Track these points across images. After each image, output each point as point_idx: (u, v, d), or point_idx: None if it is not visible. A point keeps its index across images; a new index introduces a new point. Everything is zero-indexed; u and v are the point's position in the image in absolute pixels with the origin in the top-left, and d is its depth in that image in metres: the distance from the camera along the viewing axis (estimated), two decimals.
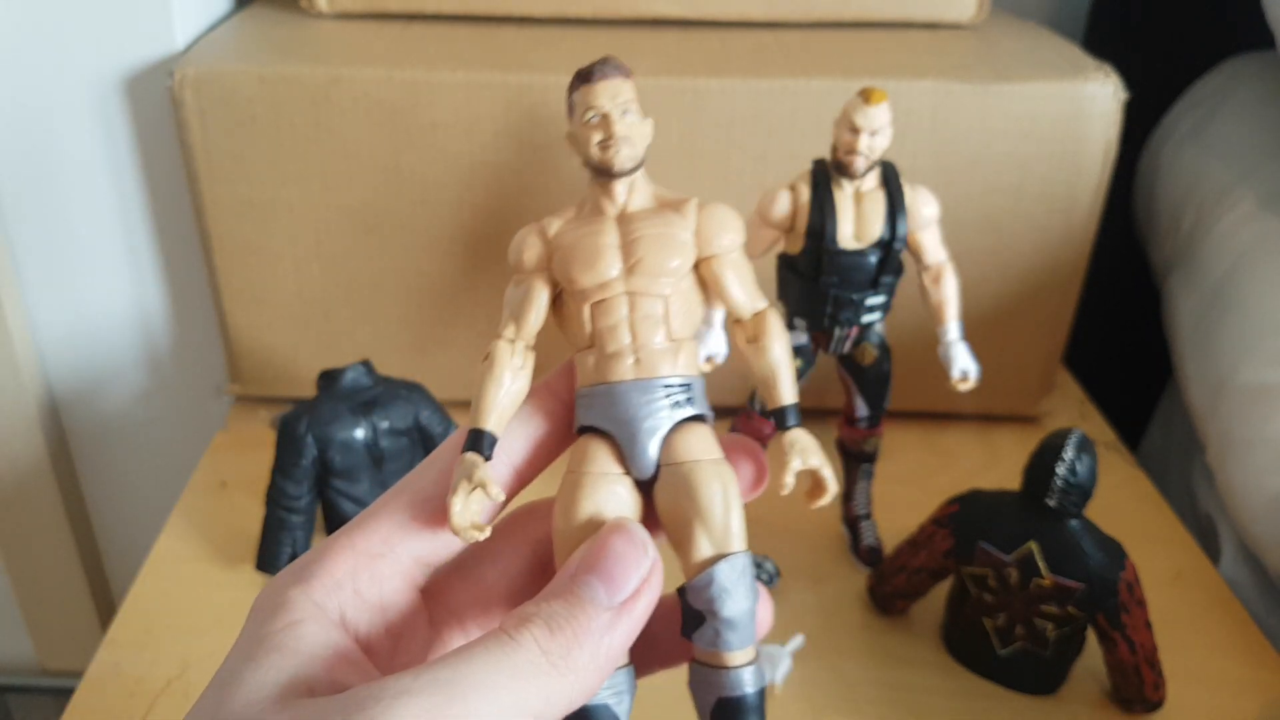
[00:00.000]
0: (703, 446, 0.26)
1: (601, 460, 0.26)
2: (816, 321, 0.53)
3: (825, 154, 0.51)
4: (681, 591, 0.26)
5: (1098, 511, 0.49)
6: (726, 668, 0.25)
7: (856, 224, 0.51)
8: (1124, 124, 0.62)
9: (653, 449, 0.26)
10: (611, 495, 0.26)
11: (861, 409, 0.57)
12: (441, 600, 0.28)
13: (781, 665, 0.52)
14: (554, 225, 0.28)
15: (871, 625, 0.56)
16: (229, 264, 0.66)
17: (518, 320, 0.27)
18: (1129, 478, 0.68)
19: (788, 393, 0.27)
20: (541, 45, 0.64)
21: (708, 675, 0.26)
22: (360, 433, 0.56)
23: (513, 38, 0.65)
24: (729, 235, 0.28)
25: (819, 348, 0.55)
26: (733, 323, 0.28)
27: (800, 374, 0.55)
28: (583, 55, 0.63)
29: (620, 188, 0.28)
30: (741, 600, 0.25)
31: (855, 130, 0.48)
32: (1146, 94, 0.66)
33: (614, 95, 0.28)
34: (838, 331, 0.53)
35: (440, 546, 0.26)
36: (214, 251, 0.65)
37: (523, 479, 0.28)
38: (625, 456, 0.26)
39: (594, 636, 0.23)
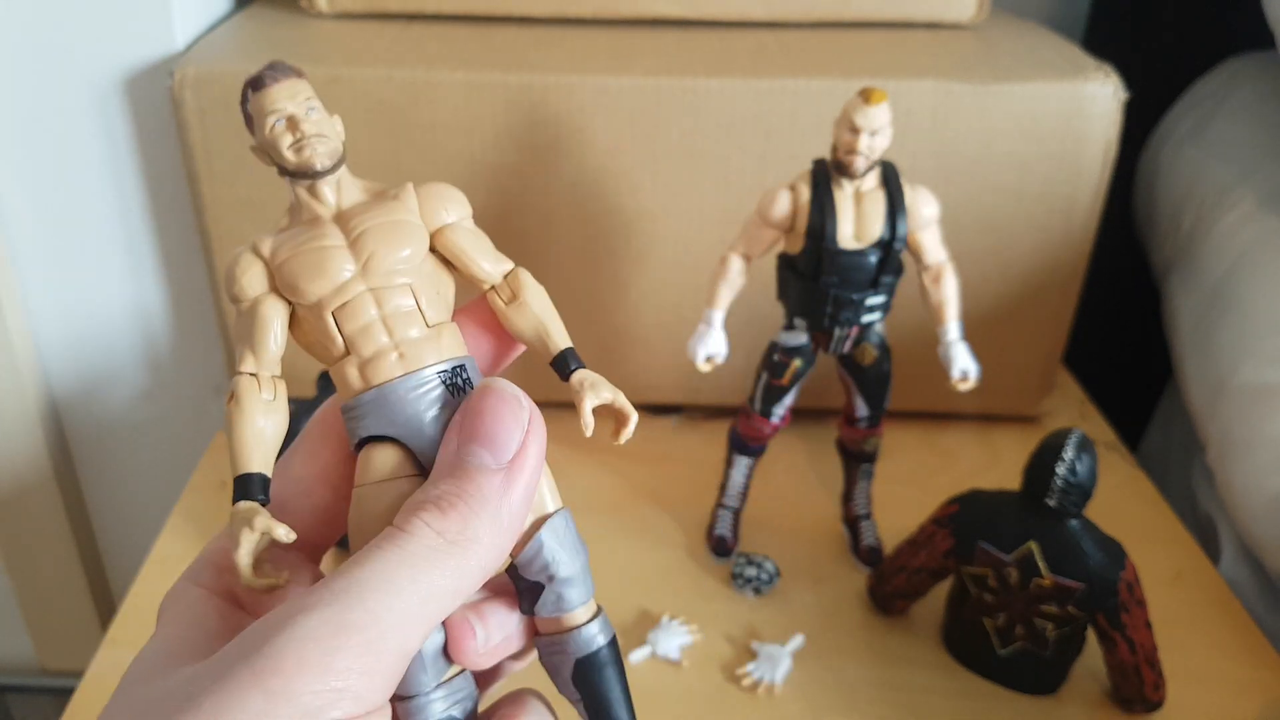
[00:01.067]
0: None
1: (392, 466, 0.25)
2: (816, 321, 0.53)
3: (825, 154, 0.51)
4: (511, 571, 0.25)
5: (1098, 511, 0.49)
6: (575, 627, 0.25)
7: (856, 224, 0.51)
8: (1124, 124, 0.62)
9: (436, 438, 0.25)
10: (390, 498, 0.24)
11: (861, 409, 0.57)
12: None
13: (781, 665, 0.52)
14: (266, 243, 0.26)
15: (871, 625, 0.56)
16: None
17: (255, 350, 0.26)
18: (1129, 478, 0.68)
19: (562, 338, 0.27)
20: (541, 45, 0.64)
21: (558, 643, 0.25)
22: None
23: (513, 38, 0.65)
24: (454, 207, 0.27)
25: (819, 348, 0.55)
26: (487, 291, 0.27)
27: (800, 374, 0.55)
28: (583, 55, 0.63)
29: (327, 189, 0.27)
30: (573, 556, 0.25)
31: (855, 130, 0.48)
32: (1146, 94, 0.66)
33: (293, 95, 0.26)
34: (838, 331, 0.53)
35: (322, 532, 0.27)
36: (214, 251, 0.65)
37: (332, 482, 0.27)
38: (418, 456, 0.25)
39: (490, 502, 0.22)
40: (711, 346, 0.53)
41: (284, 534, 0.24)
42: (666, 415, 0.73)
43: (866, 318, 0.53)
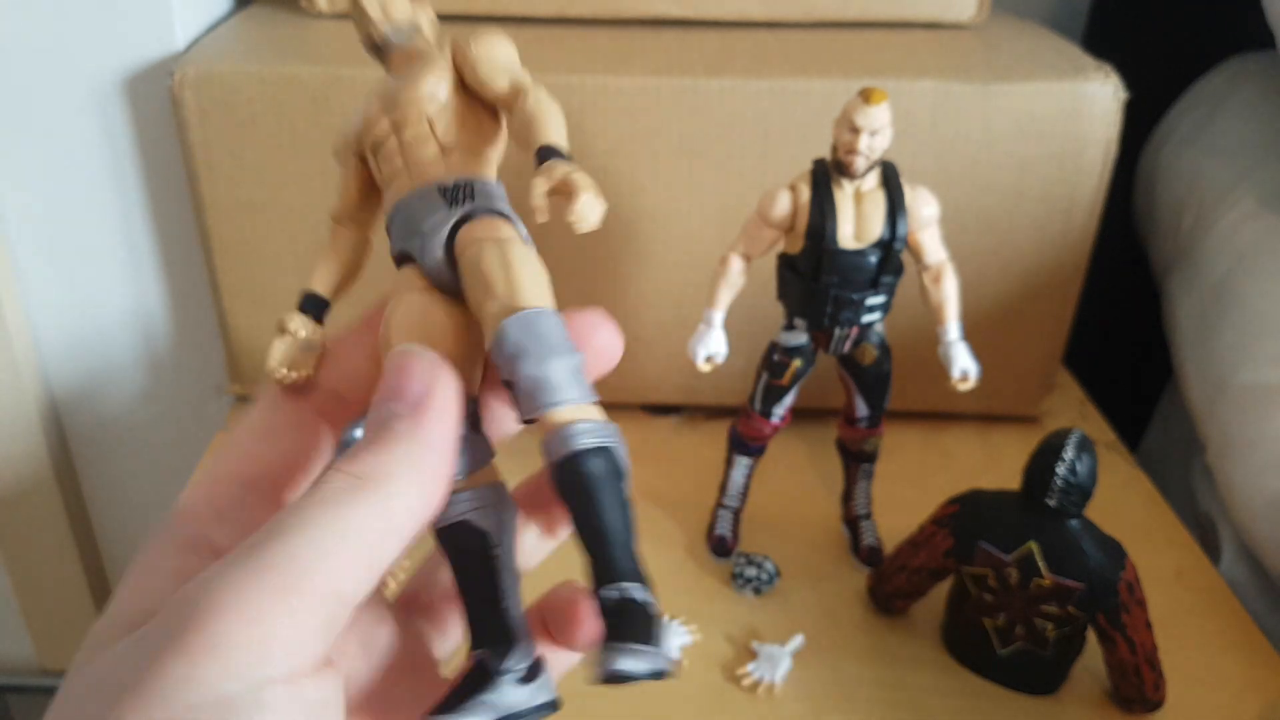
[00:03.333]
0: (485, 230, 0.25)
1: (405, 276, 0.26)
2: (816, 321, 0.53)
3: (825, 154, 0.51)
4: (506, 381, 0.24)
5: (1098, 511, 0.49)
6: (557, 426, 0.22)
7: (856, 224, 0.51)
8: (1124, 124, 0.62)
9: (438, 249, 0.26)
10: (412, 307, 0.26)
11: (861, 409, 0.57)
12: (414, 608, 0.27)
13: (781, 665, 0.52)
14: (372, 103, 0.29)
15: (871, 625, 0.56)
16: (229, 264, 0.66)
17: (340, 195, 0.29)
18: (1129, 478, 0.68)
19: (554, 135, 0.27)
20: (541, 45, 0.64)
21: (545, 451, 0.23)
22: (359, 432, 0.56)
23: (513, 38, 0.65)
24: (479, 44, 0.29)
25: (819, 348, 0.55)
26: (505, 117, 0.29)
27: (800, 374, 0.55)
28: (583, 55, 0.63)
29: (398, 56, 0.29)
30: (552, 351, 0.23)
31: (855, 130, 0.48)
32: (1146, 94, 0.66)
33: None
34: (838, 331, 0.53)
35: (286, 469, 0.27)
36: (214, 251, 0.65)
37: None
38: (422, 266, 0.26)
39: (400, 441, 0.22)
40: (711, 346, 0.53)
41: (306, 334, 0.27)
42: (666, 415, 0.73)
43: (866, 318, 0.53)
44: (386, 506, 0.21)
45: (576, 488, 0.22)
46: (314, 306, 0.28)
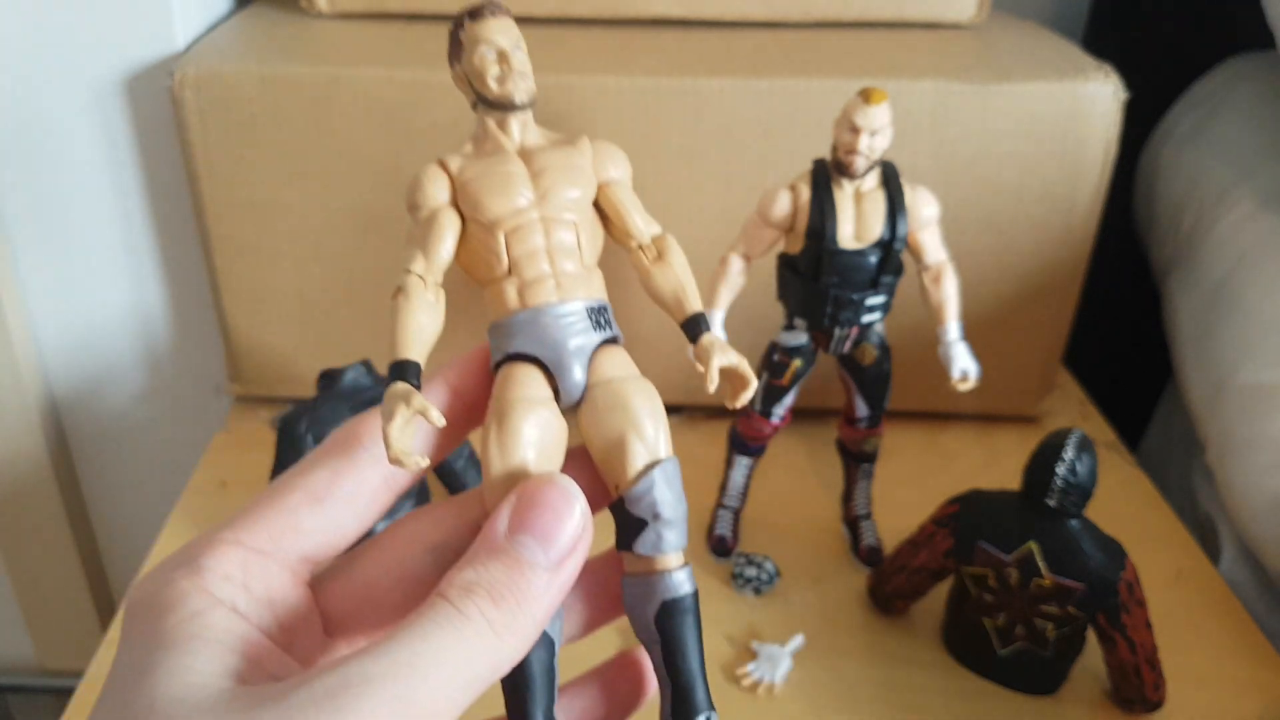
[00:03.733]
0: (626, 366, 0.27)
1: (531, 384, 0.26)
2: (816, 321, 0.53)
3: (825, 154, 0.51)
4: (619, 504, 0.26)
5: (1098, 511, 0.49)
6: (668, 570, 0.26)
7: (856, 224, 0.51)
8: (1124, 124, 0.62)
9: (579, 371, 0.27)
10: (542, 422, 0.26)
11: (861, 409, 0.57)
12: (330, 601, 0.27)
13: (781, 665, 0.52)
14: (454, 160, 0.28)
15: (871, 625, 0.56)
16: (229, 264, 0.66)
17: (427, 253, 0.27)
18: (1129, 478, 0.68)
19: (696, 302, 0.29)
20: (541, 45, 0.64)
21: (647, 584, 0.26)
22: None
23: None
24: (621, 166, 0.29)
25: (819, 348, 0.55)
26: (634, 249, 0.29)
27: (800, 374, 0.55)
28: (583, 55, 0.63)
29: (515, 123, 0.29)
30: (679, 502, 0.26)
31: (855, 130, 0.48)
32: (1146, 94, 0.66)
33: (506, 32, 0.28)
34: (838, 331, 0.53)
35: (327, 544, 0.26)
36: (214, 251, 0.65)
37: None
38: (555, 379, 0.26)
39: (537, 601, 0.23)
40: None
41: (436, 417, 0.25)
42: (667, 415, 0.73)
43: (866, 318, 0.53)
44: (503, 660, 0.23)
45: (676, 627, 0.26)
46: (416, 376, 0.26)
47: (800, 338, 0.54)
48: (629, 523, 0.26)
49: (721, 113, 0.61)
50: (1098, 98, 0.61)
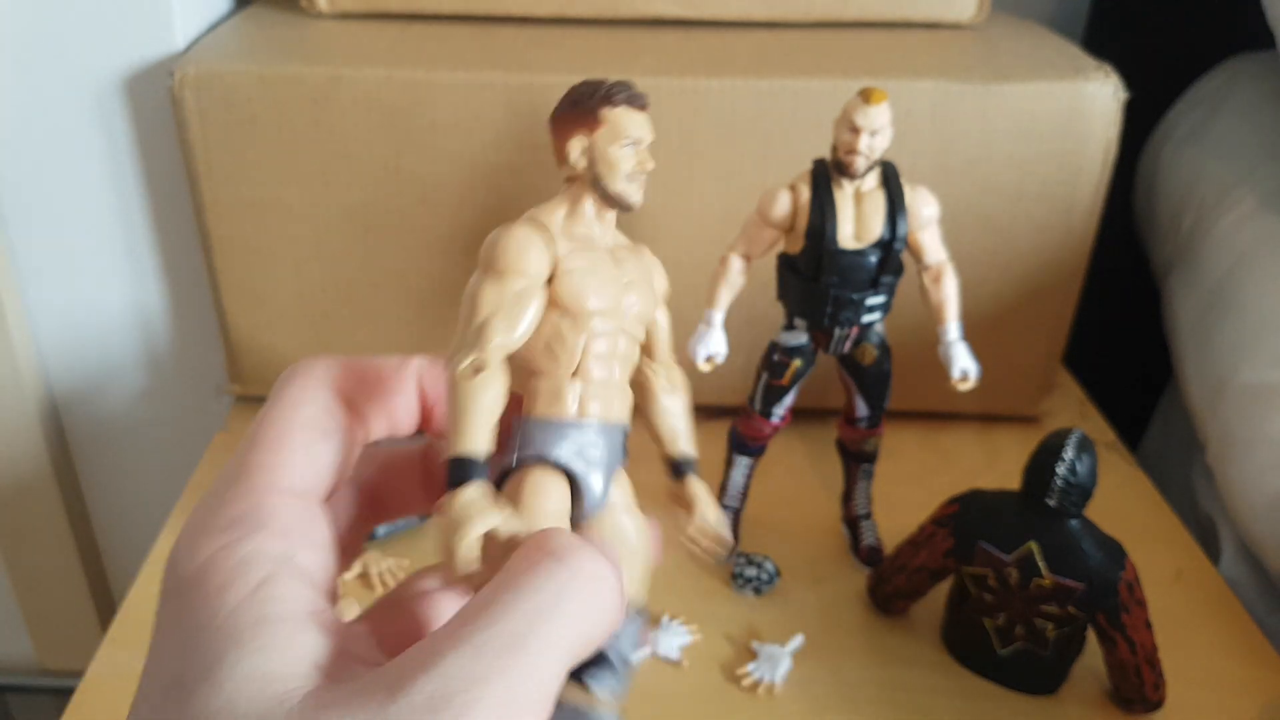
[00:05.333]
0: (628, 494, 0.27)
1: (561, 499, 0.25)
2: (816, 321, 0.53)
3: (825, 154, 0.51)
4: None
5: (1098, 511, 0.49)
6: (604, 710, 0.24)
7: (856, 224, 0.51)
8: (1124, 124, 0.62)
9: (602, 494, 0.26)
10: (556, 513, 0.25)
11: (861, 409, 0.57)
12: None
13: (781, 665, 0.52)
14: (561, 240, 0.26)
15: (871, 625, 0.56)
16: (229, 264, 0.66)
17: (511, 325, 0.25)
18: (1129, 478, 0.68)
19: (691, 446, 0.29)
20: (541, 45, 0.64)
21: (580, 715, 0.24)
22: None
23: (513, 38, 0.65)
24: (664, 285, 0.29)
25: (819, 348, 0.55)
26: (653, 370, 0.29)
27: (800, 374, 0.55)
28: (583, 55, 0.63)
29: (609, 218, 0.28)
30: (634, 646, 0.25)
31: (855, 130, 0.48)
32: (1146, 94, 0.66)
33: (649, 128, 0.27)
34: (838, 331, 0.53)
35: (341, 472, 0.24)
36: (214, 251, 0.65)
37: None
38: (580, 495, 0.25)
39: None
40: (711, 346, 0.53)
41: (520, 526, 0.23)
42: None
43: (866, 318, 0.53)
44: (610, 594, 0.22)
45: None
46: (485, 473, 0.23)
47: (800, 338, 0.54)
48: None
49: (721, 113, 0.60)
50: (1098, 98, 0.61)
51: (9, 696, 0.86)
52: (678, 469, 0.29)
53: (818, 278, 0.51)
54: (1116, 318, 0.91)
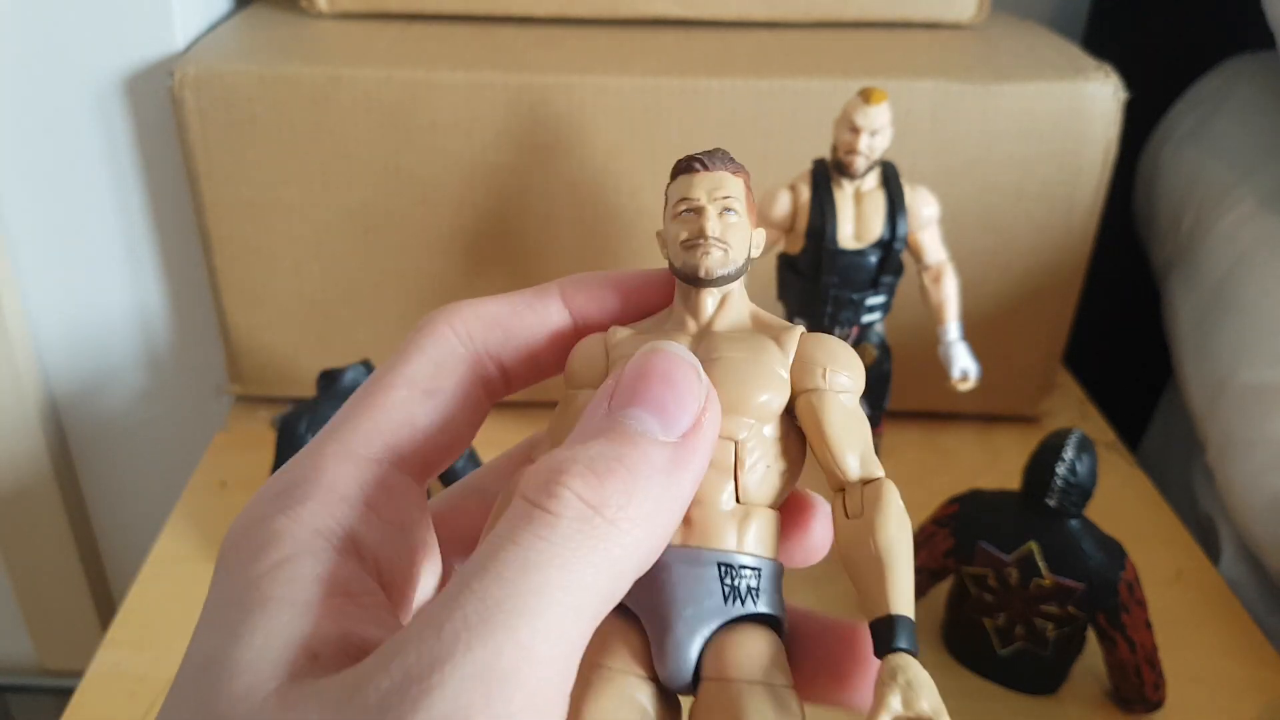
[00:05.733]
0: (763, 662, 0.19)
1: (621, 653, 0.20)
2: (816, 321, 0.53)
3: (825, 154, 0.51)
4: None
5: (1098, 511, 0.49)
6: None
7: (856, 224, 0.51)
8: (1124, 124, 0.62)
9: (693, 649, 0.19)
10: (626, 705, 0.19)
11: None
12: (445, 528, 0.23)
13: None
14: (621, 332, 0.22)
15: None
16: (229, 264, 0.66)
17: (560, 430, 0.21)
18: (1129, 478, 0.68)
19: (900, 597, 0.20)
20: (541, 45, 0.64)
21: None
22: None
23: (513, 38, 0.65)
24: (842, 373, 0.21)
25: None
26: (834, 493, 0.22)
27: None
28: (583, 55, 0.63)
29: (709, 300, 0.22)
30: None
31: (855, 130, 0.48)
32: (1146, 94, 0.66)
33: (713, 189, 0.22)
34: (838, 331, 0.53)
35: (444, 446, 0.21)
36: (214, 251, 0.65)
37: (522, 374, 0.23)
38: (654, 652, 0.20)
39: (656, 480, 0.17)
40: None
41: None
42: None
43: (866, 318, 0.53)
44: (622, 563, 0.17)
45: None
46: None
47: None
48: None
49: (721, 113, 0.61)
50: (1098, 98, 0.61)
51: (9, 696, 0.86)
52: (879, 635, 0.21)
53: (817, 278, 0.51)
54: (1116, 318, 0.91)
